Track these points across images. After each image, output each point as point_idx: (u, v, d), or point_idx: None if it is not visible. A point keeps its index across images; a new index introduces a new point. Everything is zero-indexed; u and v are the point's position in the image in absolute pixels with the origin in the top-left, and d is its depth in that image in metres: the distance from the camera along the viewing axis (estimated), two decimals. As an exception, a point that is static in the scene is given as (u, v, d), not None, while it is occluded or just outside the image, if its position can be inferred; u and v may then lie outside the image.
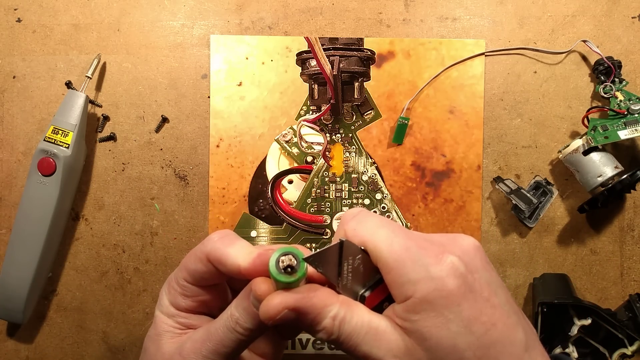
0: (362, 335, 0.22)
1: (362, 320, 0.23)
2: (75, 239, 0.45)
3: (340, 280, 0.23)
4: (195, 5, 0.45)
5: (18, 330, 0.45)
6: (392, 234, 0.23)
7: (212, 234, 0.26)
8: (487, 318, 0.21)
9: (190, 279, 0.26)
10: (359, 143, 0.45)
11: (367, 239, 0.23)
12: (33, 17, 0.45)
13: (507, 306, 0.22)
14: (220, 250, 0.25)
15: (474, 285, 0.22)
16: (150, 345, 0.27)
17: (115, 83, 0.45)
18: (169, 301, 0.27)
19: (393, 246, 0.22)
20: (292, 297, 0.23)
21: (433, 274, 0.21)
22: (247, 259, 0.24)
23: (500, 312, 0.22)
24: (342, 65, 0.42)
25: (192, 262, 0.26)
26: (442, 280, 0.21)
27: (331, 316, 0.23)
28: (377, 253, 0.22)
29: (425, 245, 0.22)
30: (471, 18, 0.45)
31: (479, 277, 0.22)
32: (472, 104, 0.44)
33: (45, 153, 0.41)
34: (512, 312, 0.22)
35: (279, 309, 0.22)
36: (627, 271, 0.44)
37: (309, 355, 0.44)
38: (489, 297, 0.22)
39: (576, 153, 0.42)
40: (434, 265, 0.21)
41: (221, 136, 0.44)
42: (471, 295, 0.21)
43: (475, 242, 0.23)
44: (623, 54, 0.44)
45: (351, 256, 0.23)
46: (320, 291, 0.23)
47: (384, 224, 0.23)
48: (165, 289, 0.27)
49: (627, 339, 0.40)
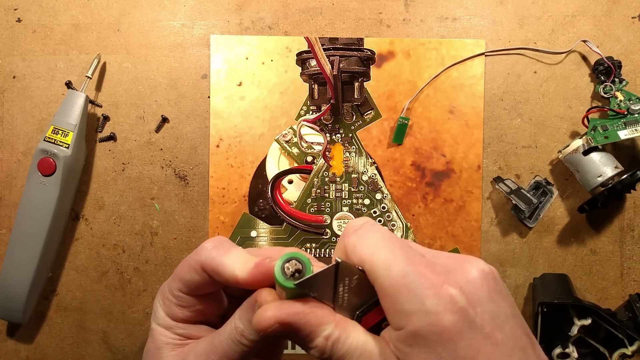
0: (356, 357, 0.21)
1: (357, 342, 0.22)
2: (75, 239, 0.45)
3: (335, 301, 0.22)
4: (195, 5, 0.45)
5: (18, 330, 0.45)
6: (392, 257, 0.21)
7: (204, 243, 0.25)
8: (486, 357, 0.20)
9: (185, 289, 0.25)
10: (359, 143, 0.45)
11: (366, 259, 0.22)
12: (33, 17, 0.45)
13: (512, 342, 0.20)
14: (215, 260, 0.24)
15: (475, 320, 0.20)
16: (150, 359, 0.26)
17: (115, 83, 0.45)
18: (164, 313, 0.26)
19: (391, 271, 0.21)
20: (285, 312, 0.22)
21: (429, 307, 0.20)
22: (245, 269, 0.23)
23: (501, 350, 0.20)
24: (342, 65, 0.42)
25: (186, 272, 0.25)
26: (437, 316, 0.20)
27: (324, 335, 0.22)
28: (374, 276, 0.21)
29: (425, 272, 0.21)
30: (471, 18, 0.45)
31: (481, 311, 0.20)
32: (472, 104, 0.44)
33: (45, 153, 0.41)
34: (517, 349, 0.20)
35: (271, 323, 0.22)
36: (627, 271, 0.44)
37: (309, 355, 0.44)
38: (491, 333, 0.20)
39: (576, 153, 0.42)
40: (431, 297, 0.20)
41: (221, 136, 0.44)
42: (470, 332, 0.20)
43: (485, 268, 0.21)
44: (623, 54, 0.44)
45: (348, 277, 0.22)
46: (317, 308, 0.22)
47: (385, 243, 0.22)
48: (160, 301, 0.27)
49: (627, 339, 0.40)
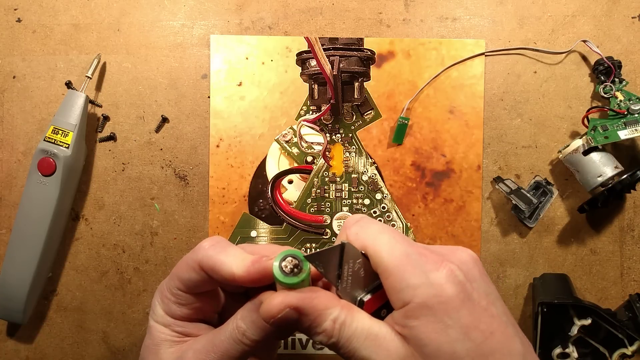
0: (362, 340, 0.23)
1: (363, 325, 0.23)
2: (75, 239, 0.45)
3: (340, 282, 0.23)
4: (195, 5, 0.45)
5: (18, 330, 0.45)
6: (393, 240, 0.23)
7: (202, 242, 0.26)
8: (486, 326, 0.21)
9: (183, 287, 0.26)
10: (359, 143, 0.45)
11: (369, 243, 0.23)
12: (33, 17, 0.45)
13: (505, 317, 0.22)
14: (212, 258, 0.25)
15: (472, 294, 0.22)
16: (148, 356, 0.27)
17: (115, 83, 0.45)
18: (163, 310, 0.27)
19: (394, 251, 0.22)
20: (294, 296, 0.23)
21: (432, 279, 0.21)
22: (242, 266, 0.24)
23: (498, 321, 0.22)
24: (342, 65, 0.42)
25: (185, 271, 0.26)
26: (441, 287, 0.21)
27: (332, 319, 0.23)
28: (378, 258, 0.23)
29: (425, 252, 0.23)
30: (471, 18, 0.45)
31: (477, 287, 0.22)
32: (472, 104, 0.44)
33: (45, 153, 0.41)
34: (510, 324, 0.22)
35: (281, 307, 0.23)
36: (627, 271, 0.44)
37: (309, 355, 0.44)
38: (487, 306, 0.22)
39: (576, 153, 0.42)
40: (434, 271, 0.22)
41: (221, 136, 0.44)
42: (469, 303, 0.21)
43: (473, 254, 0.24)
44: (623, 54, 0.44)
45: (352, 259, 0.23)
46: (322, 293, 0.24)
47: (385, 230, 0.24)
48: (158, 298, 0.27)
49: (627, 339, 0.40)
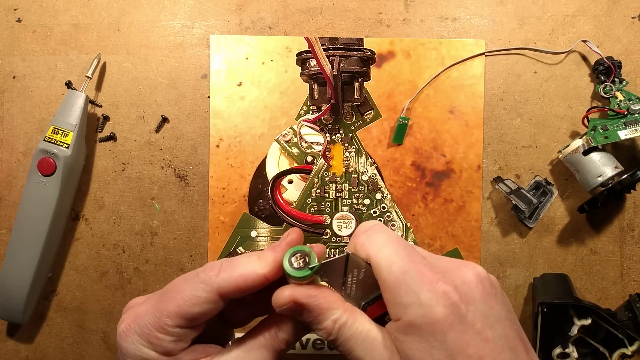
0: (359, 342, 0.24)
1: (362, 329, 0.24)
2: (75, 239, 0.45)
3: (344, 289, 0.25)
4: (195, 5, 0.45)
5: (18, 330, 0.45)
6: (394, 255, 0.23)
7: (202, 274, 0.25)
8: (475, 351, 0.21)
9: (186, 323, 0.25)
10: (359, 143, 0.44)
11: (372, 255, 0.24)
12: (33, 17, 0.45)
13: (503, 341, 0.22)
14: (232, 278, 0.25)
15: (467, 316, 0.22)
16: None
17: (115, 83, 0.45)
18: (155, 351, 0.25)
19: (392, 268, 0.23)
20: (301, 292, 0.24)
21: (423, 300, 0.22)
22: (264, 264, 0.25)
23: (491, 346, 0.21)
24: (342, 65, 0.42)
25: (192, 306, 0.25)
26: (430, 308, 0.22)
27: (333, 319, 0.24)
28: (378, 271, 0.24)
29: (423, 270, 0.23)
30: (471, 18, 0.45)
31: (473, 309, 0.22)
32: (472, 104, 0.44)
33: (45, 153, 0.41)
34: (507, 348, 0.22)
35: (287, 300, 0.24)
36: (627, 271, 0.44)
37: (309, 355, 0.44)
38: (482, 330, 0.22)
39: (576, 153, 0.42)
40: (426, 292, 0.22)
41: (221, 136, 0.44)
42: (460, 326, 0.21)
43: (480, 271, 0.23)
44: (623, 54, 0.44)
45: (356, 269, 0.25)
46: (328, 293, 0.25)
47: (390, 243, 0.24)
48: (139, 342, 0.25)
49: (627, 339, 0.40)
